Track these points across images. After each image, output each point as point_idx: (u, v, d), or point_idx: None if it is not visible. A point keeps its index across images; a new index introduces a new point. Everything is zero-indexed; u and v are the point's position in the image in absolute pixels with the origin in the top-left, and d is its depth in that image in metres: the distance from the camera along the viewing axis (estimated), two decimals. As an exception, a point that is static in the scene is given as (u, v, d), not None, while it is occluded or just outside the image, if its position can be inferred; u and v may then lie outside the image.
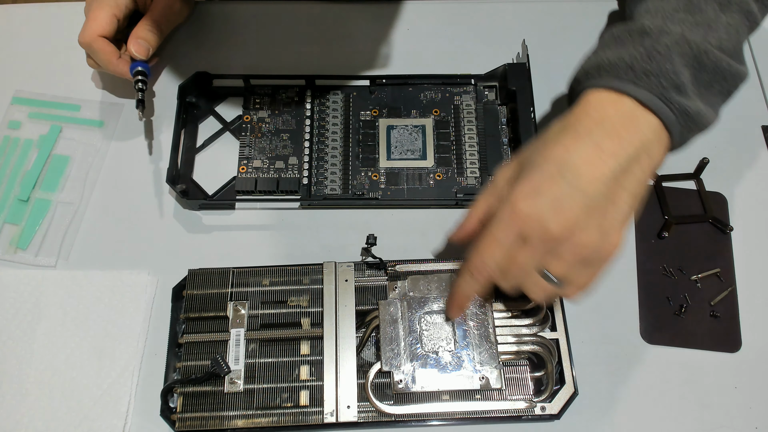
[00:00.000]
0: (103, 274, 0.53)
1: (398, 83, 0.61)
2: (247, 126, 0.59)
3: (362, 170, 0.57)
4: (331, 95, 0.60)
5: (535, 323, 0.50)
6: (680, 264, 0.55)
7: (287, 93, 0.60)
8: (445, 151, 0.58)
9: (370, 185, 0.57)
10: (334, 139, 0.58)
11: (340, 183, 0.56)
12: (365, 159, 0.58)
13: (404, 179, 0.57)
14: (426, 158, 0.57)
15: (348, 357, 0.49)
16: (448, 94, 0.61)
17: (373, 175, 0.57)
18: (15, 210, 0.56)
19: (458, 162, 0.57)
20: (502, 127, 0.59)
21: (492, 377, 0.47)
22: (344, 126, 0.59)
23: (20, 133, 0.60)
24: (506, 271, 0.43)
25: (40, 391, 0.49)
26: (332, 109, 0.60)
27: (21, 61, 0.64)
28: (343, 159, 0.57)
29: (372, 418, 0.47)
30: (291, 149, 0.58)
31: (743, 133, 0.61)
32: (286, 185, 0.56)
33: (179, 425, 0.47)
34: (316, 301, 0.51)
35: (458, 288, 0.46)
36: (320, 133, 0.59)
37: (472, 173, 0.57)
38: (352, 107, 0.60)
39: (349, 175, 0.57)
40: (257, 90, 0.60)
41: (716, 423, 0.49)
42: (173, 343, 0.51)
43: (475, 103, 0.60)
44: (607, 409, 0.50)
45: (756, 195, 0.58)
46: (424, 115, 0.59)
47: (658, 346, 0.52)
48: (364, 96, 0.60)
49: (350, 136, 0.59)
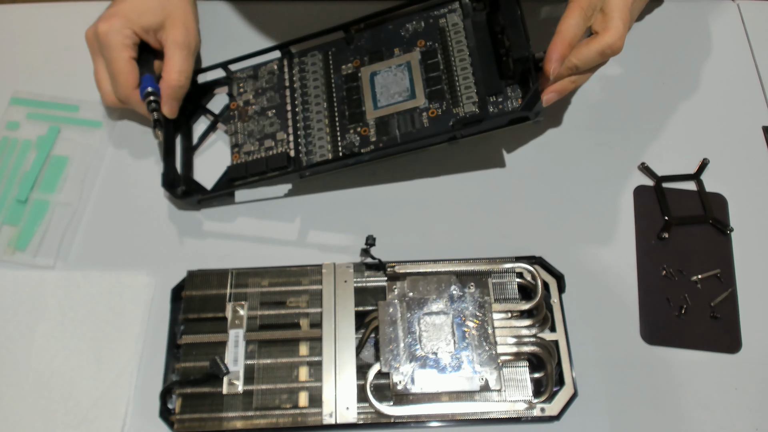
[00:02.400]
0: (101, 275, 0.53)
1: (376, 23, 0.56)
2: (234, 113, 0.58)
3: (350, 128, 0.53)
4: (309, 58, 0.57)
5: (535, 324, 0.50)
6: (680, 265, 0.54)
7: (267, 69, 0.58)
8: (436, 83, 0.53)
9: (360, 142, 0.53)
10: (317, 103, 0.55)
11: (330, 147, 0.53)
12: (352, 115, 0.54)
13: (396, 126, 0.52)
14: (415, 96, 0.53)
15: (347, 358, 0.49)
16: (432, 19, 0.55)
17: (362, 130, 0.53)
18: (13, 211, 0.56)
19: (452, 92, 0.52)
20: (500, 36, 0.52)
21: (491, 378, 0.47)
22: (326, 87, 0.55)
23: (18, 133, 0.60)
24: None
25: (38, 393, 0.49)
26: (312, 72, 0.56)
27: (20, 61, 0.64)
28: (329, 121, 0.54)
29: (371, 420, 0.47)
30: (278, 125, 0.55)
31: (743, 134, 0.61)
32: (275, 162, 0.53)
33: (178, 426, 0.47)
34: (316, 302, 0.51)
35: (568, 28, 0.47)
36: (304, 101, 0.56)
37: (469, 99, 0.51)
38: (332, 65, 0.56)
39: (338, 136, 0.53)
40: (239, 74, 0.59)
41: (716, 424, 0.49)
42: (172, 344, 0.50)
43: (462, 20, 0.54)
44: (607, 410, 0.49)
45: (756, 195, 0.58)
46: (409, 51, 0.55)
47: (658, 347, 0.52)
48: (343, 49, 0.56)
49: (334, 96, 0.55)
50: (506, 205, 0.57)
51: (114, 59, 0.54)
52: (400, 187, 0.58)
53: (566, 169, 0.59)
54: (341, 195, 0.58)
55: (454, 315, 0.49)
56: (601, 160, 0.59)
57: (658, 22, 0.66)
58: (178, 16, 0.55)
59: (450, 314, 0.49)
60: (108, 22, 0.54)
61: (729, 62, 0.64)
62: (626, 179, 0.58)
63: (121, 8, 0.54)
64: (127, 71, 0.54)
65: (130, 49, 0.54)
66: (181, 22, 0.55)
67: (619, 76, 0.63)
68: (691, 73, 0.64)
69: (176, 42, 0.55)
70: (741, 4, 0.67)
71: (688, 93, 0.63)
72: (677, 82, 0.63)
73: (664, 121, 0.61)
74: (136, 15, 0.54)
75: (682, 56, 0.65)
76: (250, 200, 0.57)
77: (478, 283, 0.51)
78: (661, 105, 0.62)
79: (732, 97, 0.62)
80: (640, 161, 0.59)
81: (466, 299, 0.50)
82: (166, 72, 0.54)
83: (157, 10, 0.55)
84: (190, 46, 0.56)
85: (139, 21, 0.54)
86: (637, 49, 0.65)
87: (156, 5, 0.55)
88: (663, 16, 0.67)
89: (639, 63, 0.64)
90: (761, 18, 0.67)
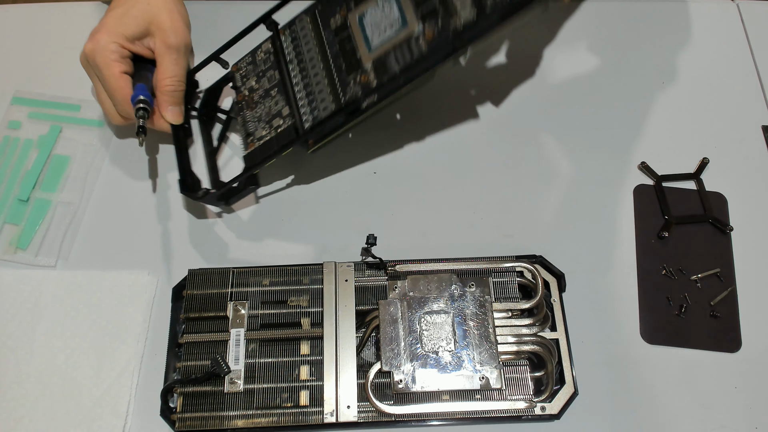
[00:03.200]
0: (103, 274, 0.53)
1: None
2: (242, 104, 0.56)
3: (349, 80, 0.51)
4: (298, 24, 0.55)
5: (535, 323, 0.50)
6: (680, 264, 0.55)
7: (263, 50, 0.56)
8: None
9: (362, 92, 0.50)
10: (313, 66, 0.53)
11: (333, 106, 0.51)
12: (349, 66, 0.51)
13: (394, 62, 0.49)
14: (407, 23, 0.49)
15: (348, 357, 0.49)
16: None
17: (361, 78, 0.50)
18: (15, 210, 0.56)
19: (444, 4, 0.48)
20: None
21: (492, 377, 0.47)
22: (320, 48, 0.53)
23: (20, 133, 0.60)
24: None
25: (40, 392, 0.49)
26: (303, 37, 0.54)
27: (21, 61, 0.64)
28: (328, 80, 0.52)
29: (372, 418, 0.47)
30: (282, 101, 0.54)
31: (743, 133, 0.61)
32: (283, 138, 0.52)
33: (179, 425, 0.47)
34: (316, 301, 0.51)
35: None
36: (301, 69, 0.54)
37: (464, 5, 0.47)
38: (321, 23, 0.54)
39: (339, 92, 0.51)
40: (240, 65, 0.57)
41: (716, 423, 0.49)
42: (173, 343, 0.51)
43: None
44: (607, 408, 0.50)
45: (756, 195, 0.58)
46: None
47: (658, 346, 0.52)
48: (328, 3, 0.54)
49: (328, 53, 0.53)
50: (507, 205, 0.57)
51: (106, 78, 0.53)
52: (401, 187, 0.58)
53: (566, 169, 0.59)
54: (342, 194, 0.58)
55: (455, 314, 0.49)
56: (601, 160, 0.59)
57: (658, 22, 0.67)
58: (163, 20, 0.54)
59: (451, 313, 0.49)
60: (92, 41, 0.52)
61: (729, 62, 0.64)
62: (626, 179, 0.59)
63: (104, 23, 0.53)
64: (120, 86, 0.53)
65: (120, 64, 0.53)
66: (167, 25, 0.54)
67: (619, 76, 0.63)
68: (691, 73, 0.64)
69: (164, 46, 0.54)
70: (741, 4, 0.68)
71: (687, 93, 0.63)
72: (677, 82, 0.63)
73: (664, 120, 0.61)
74: (118, 27, 0.53)
75: (682, 56, 0.65)
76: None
77: (478, 282, 0.51)
78: (661, 105, 0.62)
79: (732, 97, 0.63)
80: (640, 161, 0.59)
81: (466, 298, 0.50)
82: (158, 79, 0.54)
83: (139, 17, 0.53)
84: (179, 48, 0.54)
85: (123, 32, 0.53)
86: (637, 49, 0.65)
87: (137, 13, 0.53)
88: (663, 16, 0.67)
89: (639, 63, 0.64)
90: (761, 18, 0.67)
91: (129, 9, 0.53)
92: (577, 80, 0.63)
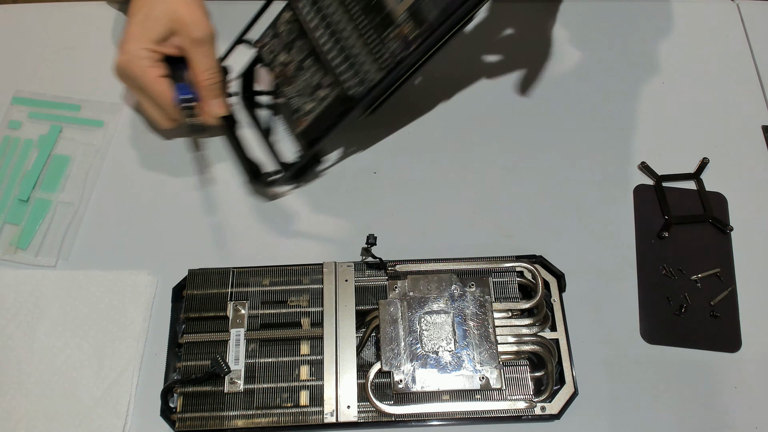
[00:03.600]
0: (103, 274, 0.53)
1: None
2: (279, 81, 0.54)
3: (385, 37, 0.49)
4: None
5: (535, 323, 0.50)
6: (680, 264, 0.55)
7: (283, 20, 0.54)
8: None
9: (402, 46, 0.48)
10: (342, 29, 0.51)
11: (375, 66, 0.49)
12: (382, 22, 0.48)
13: (429, 6, 0.47)
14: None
15: (348, 357, 0.49)
16: None
17: (396, 32, 0.48)
18: (15, 210, 0.56)
19: None
20: None
21: (492, 377, 0.47)
22: (344, 8, 0.51)
23: (20, 133, 0.60)
24: None
25: (40, 391, 0.49)
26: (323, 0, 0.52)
27: (21, 61, 0.64)
28: (362, 43, 0.50)
29: (372, 418, 0.47)
30: (320, 70, 0.52)
31: (743, 133, 0.61)
32: (334, 109, 0.51)
33: (179, 425, 0.47)
34: (316, 301, 0.51)
35: None
36: (331, 34, 0.51)
37: None
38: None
39: (375, 52, 0.49)
40: (264, 41, 0.55)
41: (716, 423, 0.49)
42: (173, 343, 0.51)
43: None
44: (607, 409, 0.50)
45: (756, 195, 0.58)
46: None
47: (658, 346, 0.52)
48: None
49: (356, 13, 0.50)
50: (507, 205, 0.57)
51: (146, 85, 0.53)
52: (401, 187, 0.58)
53: (566, 169, 0.59)
54: (342, 194, 0.58)
55: (455, 314, 0.49)
56: (601, 160, 0.59)
57: (658, 22, 0.67)
58: (184, 15, 0.53)
59: (451, 313, 0.49)
60: (123, 53, 0.52)
61: (729, 62, 0.64)
62: (626, 179, 0.59)
63: (129, 32, 0.53)
64: (163, 90, 0.53)
65: (155, 69, 0.53)
66: (189, 20, 0.53)
67: (619, 76, 0.63)
68: (691, 73, 0.64)
69: (191, 41, 0.53)
70: (741, 4, 0.68)
71: (687, 93, 0.63)
72: (677, 82, 0.63)
73: (664, 120, 0.61)
74: (144, 32, 0.52)
75: (682, 56, 0.65)
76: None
77: (478, 282, 0.51)
78: (661, 105, 0.62)
79: (732, 97, 0.63)
80: (640, 161, 0.59)
81: (466, 298, 0.50)
82: (195, 75, 0.53)
83: (161, 19, 0.53)
84: (206, 39, 0.53)
85: (150, 36, 0.52)
86: (637, 49, 0.65)
87: (159, 14, 0.53)
88: (663, 16, 0.67)
89: (639, 63, 0.64)
90: (761, 18, 0.67)
91: (149, 12, 0.53)
92: (576, 80, 0.63)
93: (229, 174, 0.58)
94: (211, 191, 0.58)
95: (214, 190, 0.58)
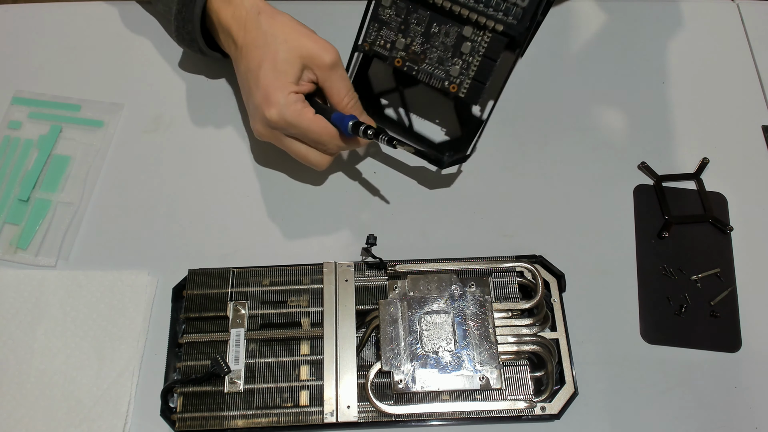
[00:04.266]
0: (103, 274, 0.53)
1: None
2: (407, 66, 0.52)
3: None
4: None
5: (535, 323, 0.50)
6: (680, 264, 0.55)
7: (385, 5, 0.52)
8: None
9: None
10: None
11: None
12: None
13: None
14: None
15: (348, 357, 0.49)
16: None
17: None
18: (15, 210, 0.56)
19: None
20: None
21: (492, 377, 0.47)
22: None
23: (20, 133, 0.60)
24: None
25: (40, 391, 0.49)
26: None
27: (21, 60, 0.64)
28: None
29: (372, 418, 0.47)
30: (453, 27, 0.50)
31: (743, 133, 0.61)
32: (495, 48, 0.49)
33: (179, 425, 0.47)
34: (316, 301, 0.51)
35: None
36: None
37: None
38: None
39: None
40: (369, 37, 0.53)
41: (716, 423, 0.49)
42: (173, 343, 0.51)
43: None
44: (607, 409, 0.50)
45: (756, 195, 0.58)
46: None
47: (658, 346, 0.52)
48: None
49: None
50: (507, 205, 0.57)
51: (305, 128, 0.50)
52: (401, 187, 0.58)
53: (566, 169, 0.59)
54: (342, 194, 0.58)
55: (455, 314, 0.49)
56: (601, 160, 0.59)
57: (659, 22, 0.67)
58: (308, 46, 0.51)
59: (451, 313, 0.49)
60: (271, 106, 0.50)
61: (729, 62, 0.64)
62: (626, 179, 0.59)
63: (265, 85, 0.50)
64: (323, 126, 0.51)
65: (309, 109, 0.51)
66: (314, 50, 0.51)
67: (619, 76, 0.63)
68: (691, 73, 0.64)
69: (326, 69, 0.51)
70: (741, 4, 0.68)
71: (687, 93, 0.63)
72: (677, 82, 0.63)
73: (663, 120, 0.61)
74: (281, 78, 0.50)
75: (682, 56, 0.65)
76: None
77: (478, 282, 0.51)
78: (660, 105, 0.62)
79: (732, 97, 0.63)
80: (640, 161, 0.59)
81: (466, 298, 0.50)
82: (338, 102, 0.52)
83: (291, 60, 0.50)
84: (336, 62, 0.51)
85: (289, 80, 0.50)
86: (637, 49, 0.65)
87: (286, 56, 0.50)
88: (663, 16, 0.67)
89: (639, 63, 0.64)
90: (761, 18, 0.67)
91: (276, 57, 0.50)
92: (576, 80, 0.63)
93: (229, 173, 0.58)
94: (211, 191, 0.58)
95: (214, 190, 0.58)
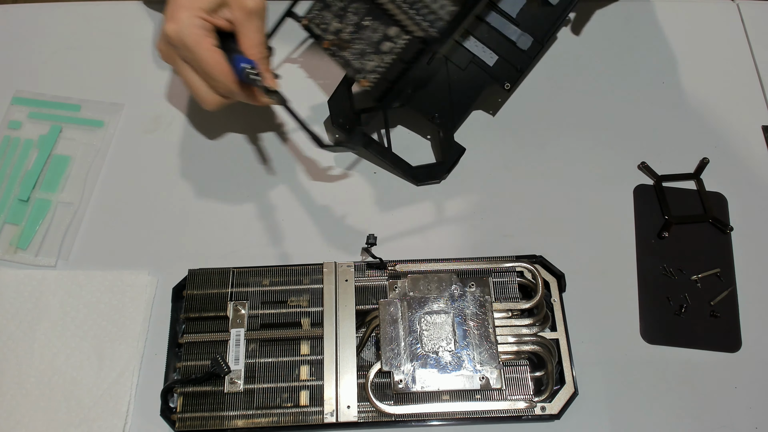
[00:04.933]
0: (103, 274, 0.53)
1: None
2: (333, 49, 0.52)
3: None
4: None
5: (535, 323, 0.50)
6: (680, 264, 0.55)
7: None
8: None
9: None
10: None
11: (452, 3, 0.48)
12: None
13: None
14: None
15: (348, 357, 0.49)
16: None
17: None
18: (15, 210, 0.56)
19: None
20: None
21: (492, 377, 0.47)
22: None
23: (20, 133, 0.60)
24: None
25: (40, 391, 0.49)
26: None
27: (21, 61, 0.64)
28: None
29: (372, 418, 0.47)
30: (382, 24, 0.50)
31: (743, 133, 0.61)
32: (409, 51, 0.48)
33: (179, 425, 0.47)
34: (316, 301, 0.51)
35: None
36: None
37: None
38: None
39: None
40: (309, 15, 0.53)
41: (716, 423, 0.49)
42: (173, 343, 0.51)
43: None
44: (607, 409, 0.50)
45: (756, 195, 0.58)
46: None
47: (658, 346, 0.52)
48: None
49: None
50: (507, 205, 0.57)
51: (200, 56, 0.49)
52: (401, 187, 0.58)
53: (566, 169, 0.59)
54: (342, 194, 0.58)
55: (455, 314, 0.49)
56: (601, 160, 0.59)
57: (658, 22, 0.67)
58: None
59: (451, 313, 0.49)
60: (174, 21, 0.48)
61: (729, 62, 0.64)
62: (626, 179, 0.59)
63: (177, 1, 0.49)
64: (218, 61, 0.49)
65: (211, 38, 0.49)
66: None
67: (619, 76, 0.63)
68: (691, 73, 0.64)
69: (244, 14, 0.49)
70: (741, 4, 0.68)
71: (687, 93, 0.63)
72: (677, 82, 0.63)
73: (663, 120, 0.61)
74: (194, 1, 0.48)
75: (682, 56, 0.65)
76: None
77: (478, 282, 0.51)
78: (661, 105, 0.62)
79: (732, 97, 0.63)
80: (640, 161, 0.59)
81: (466, 298, 0.50)
82: (245, 50, 0.50)
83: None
84: (258, 12, 0.49)
85: (201, 5, 0.48)
86: (637, 49, 0.65)
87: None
88: (663, 16, 0.67)
89: (639, 63, 0.64)
90: (761, 18, 0.67)
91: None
92: (576, 80, 0.63)
93: (229, 173, 0.58)
94: (211, 191, 0.58)
95: (214, 190, 0.58)
